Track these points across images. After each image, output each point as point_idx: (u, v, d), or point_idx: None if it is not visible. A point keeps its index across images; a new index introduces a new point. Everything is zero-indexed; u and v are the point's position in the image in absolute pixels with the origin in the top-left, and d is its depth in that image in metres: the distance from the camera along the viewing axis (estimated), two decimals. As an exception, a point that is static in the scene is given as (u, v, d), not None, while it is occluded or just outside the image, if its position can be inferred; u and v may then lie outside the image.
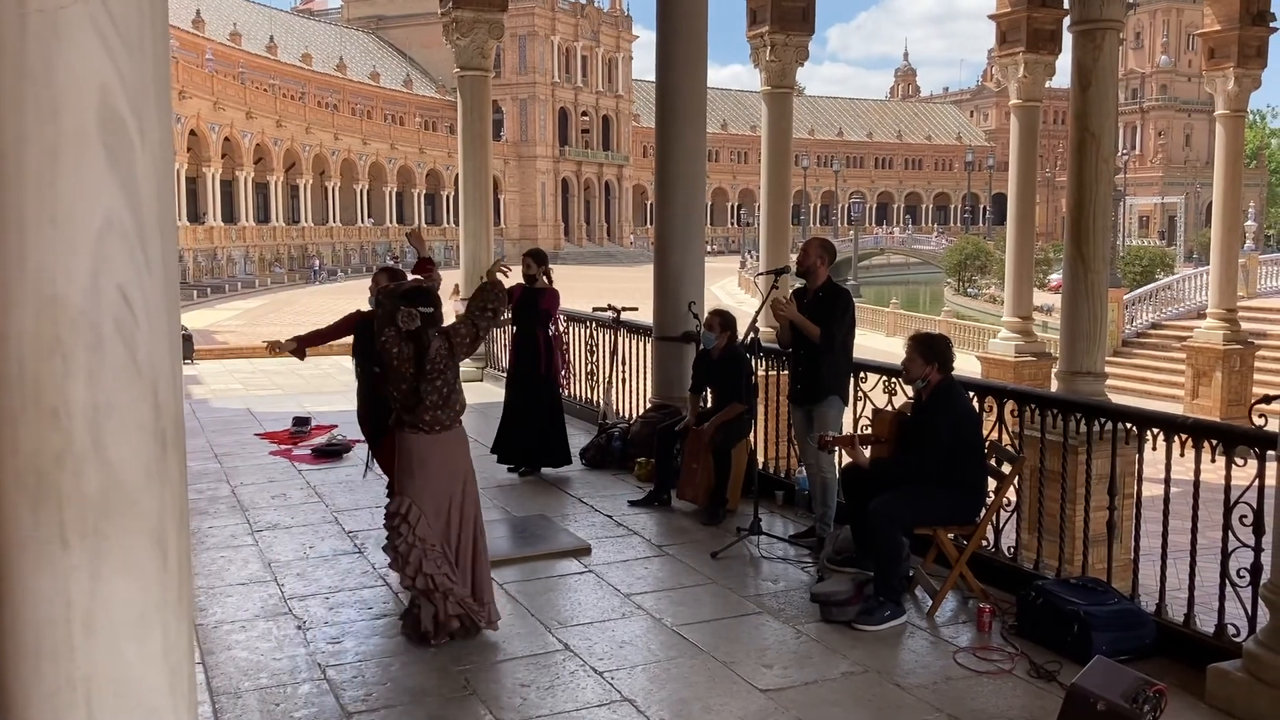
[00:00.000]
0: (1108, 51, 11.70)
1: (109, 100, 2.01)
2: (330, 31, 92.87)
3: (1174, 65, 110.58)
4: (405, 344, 5.25)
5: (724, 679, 4.97)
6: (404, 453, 5.38)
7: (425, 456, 5.31)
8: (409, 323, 5.22)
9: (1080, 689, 4.18)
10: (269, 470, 9.21)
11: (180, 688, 2.20)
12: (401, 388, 5.30)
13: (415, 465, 5.32)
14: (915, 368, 5.88)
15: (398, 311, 5.25)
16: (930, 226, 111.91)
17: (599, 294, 13.27)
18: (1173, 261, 51.97)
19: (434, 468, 5.31)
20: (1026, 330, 19.58)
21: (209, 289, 51.13)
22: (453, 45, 14.58)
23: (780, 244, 15.66)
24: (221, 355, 22.35)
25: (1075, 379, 11.66)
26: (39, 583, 2.05)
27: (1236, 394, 21.61)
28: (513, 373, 9.06)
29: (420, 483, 5.30)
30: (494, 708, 4.65)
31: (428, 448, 5.31)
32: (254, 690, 4.82)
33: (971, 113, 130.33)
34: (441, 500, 5.33)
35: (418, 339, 5.24)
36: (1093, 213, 11.60)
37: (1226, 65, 20.30)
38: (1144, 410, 6.07)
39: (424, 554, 5.25)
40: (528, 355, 8.86)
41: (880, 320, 39.07)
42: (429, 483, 5.30)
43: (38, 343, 2.01)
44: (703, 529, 7.38)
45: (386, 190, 78.60)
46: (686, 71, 9.51)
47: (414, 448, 5.32)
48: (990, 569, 6.17)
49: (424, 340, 5.24)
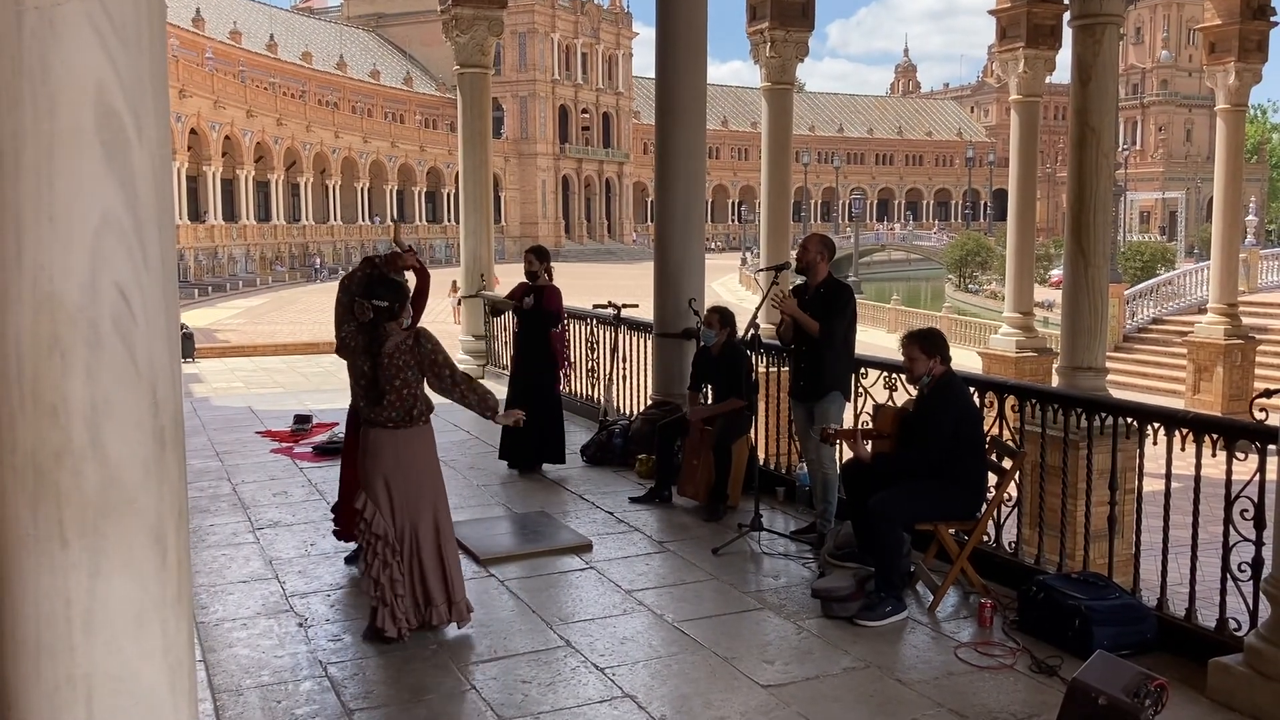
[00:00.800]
0: (1108, 46, 11.70)
1: (106, 97, 2.01)
2: (330, 29, 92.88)
3: (1174, 60, 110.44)
4: (361, 336, 5.26)
5: (725, 674, 4.97)
6: (365, 448, 5.38)
7: (382, 452, 5.29)
8: (362, 315, 5.23)
9: (1081, 683, 4.18)
10: (270, 468, 9.22)
11: (180, 685, 2.20)
12: (361, 382, 5.31)
13: (371, 461, 5.31)
14: (919, 364, 5.86)
15: (354, 303, 5.26)
16: (931, 222, 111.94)
17: (599, 291, 13.27)
18: (1174, 257, 51.93)
19: (392, 464, 5.28)
20: (1027, 326, 19.58)
21: (210, 288, 51.20)
22: (453, 43, 14.58)
23: (781, 240, 15.67)
24: (223, 354, 22.33)
25: (1076, 374, 11.66)
26: (38, 581, 2.05)
27: (1238, 389, 21.62)
28: (515, 370, 9.07)
29: (378, 480, 5.28)
30: (495, 705, 4.65)
31: (388, 444, 5.29)
32: (255, 688, 4.83)
33: (972, 108, 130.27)
34: (401, 498, 5.30)
35: (371, 331, 5.23)
36: (1093, 208, 11.59)
37: (1227, 60, 20.30)
38: (1145, 405, 6.06)
39: (376, 554, 5.25)
40: (531, 354, 8.88)
41: (881, 317, 39.07)
42: (390, 479, 5.28)
43: (36, 340, 2.01)
44: (704, 525, 7.38)
45: (387, 188, 78.66)
46: (686, 68, 9.50)
47: (374, 444, 5.32)
48: (991, 564, 6.17)
49: (378, 333, 5.23)
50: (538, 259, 8.92)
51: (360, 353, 5.27)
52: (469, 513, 7.53)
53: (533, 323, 8.85)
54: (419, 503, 5.35)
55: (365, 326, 5.25)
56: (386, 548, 5.26)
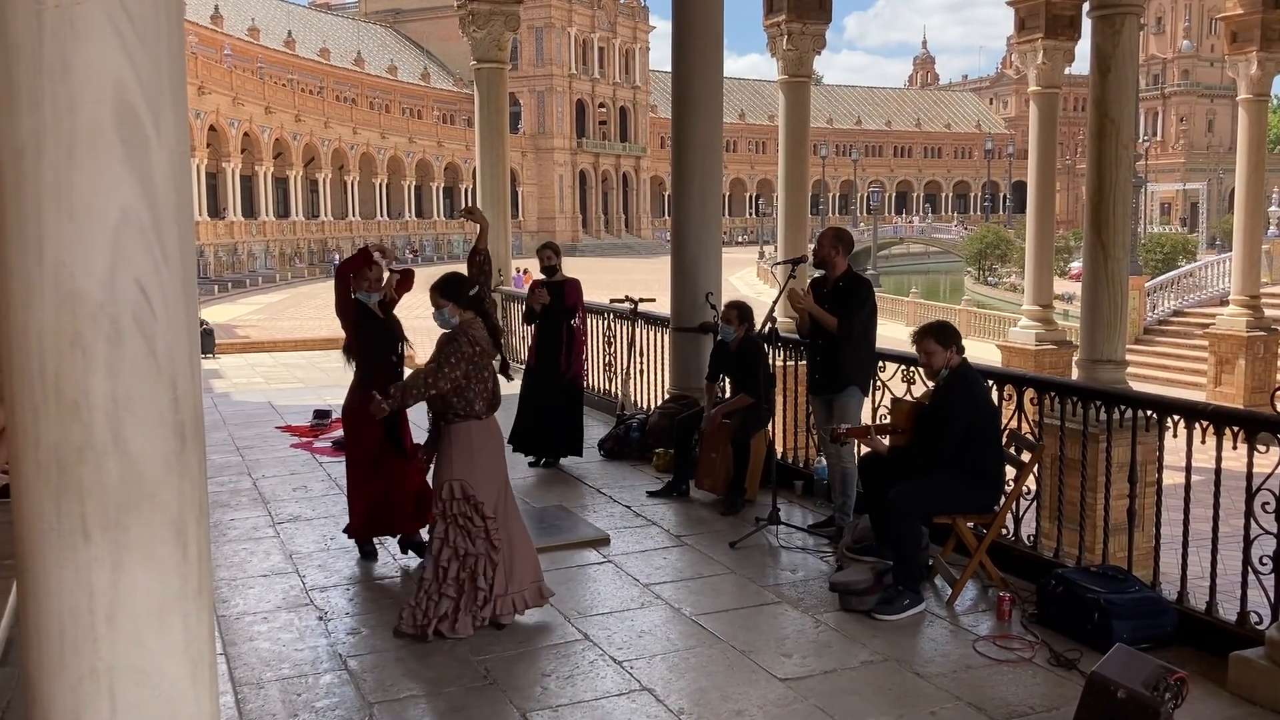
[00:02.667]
0: (1127, 36, 11.61)
1: (124, 95, 2.02)
2: (348, 26, 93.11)
3: (1196, 50, 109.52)
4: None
5: (743, 668, 4.98)
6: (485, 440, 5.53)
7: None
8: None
9: (1101, 677, 4.16)
10: (290, 463, 9.27)
11: (201, 678, 2.22)
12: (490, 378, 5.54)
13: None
14: (937, 357, 5.83)
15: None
16: (950, 215, 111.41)
17: (617, 286, 13.29)
18: (1195, 248, 51.46)
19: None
20: (1047, 318, 19.50)
21: (230, 283, 51.43)
22: (469, 38, 14.60)
23: (798, 234, 15.62)
24: (243, 349, 22.48)
25: (1096, 367, 11.60)
26: (62, 574, 2.07)
27: (1260, 381, 21.45)
28: (533, 364, 9.00)
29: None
30: (514, 697, 4.67)
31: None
32: (276, 681, 4.86)
33: (991, 100, 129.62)
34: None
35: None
36: (1113, 200, 11.51)
37: (1249, 49, 20.09)
38: (1164, 397, 6.03)
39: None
40: (551, 348, 8.83)
41: (900, 310, 38.94)
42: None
43: (58, 337, 2.03)
44: (721, 519, 7.38)
45: (405, 184, 78.83)
46: (703, 62, 9.48)
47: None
48: (1010, 557, 6.15)
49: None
50: (555, 253, 8.93)
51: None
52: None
53: (551, 315, 8.82)
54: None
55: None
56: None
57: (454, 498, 5.27)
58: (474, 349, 5.25)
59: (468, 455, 5.29)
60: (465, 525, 5.28)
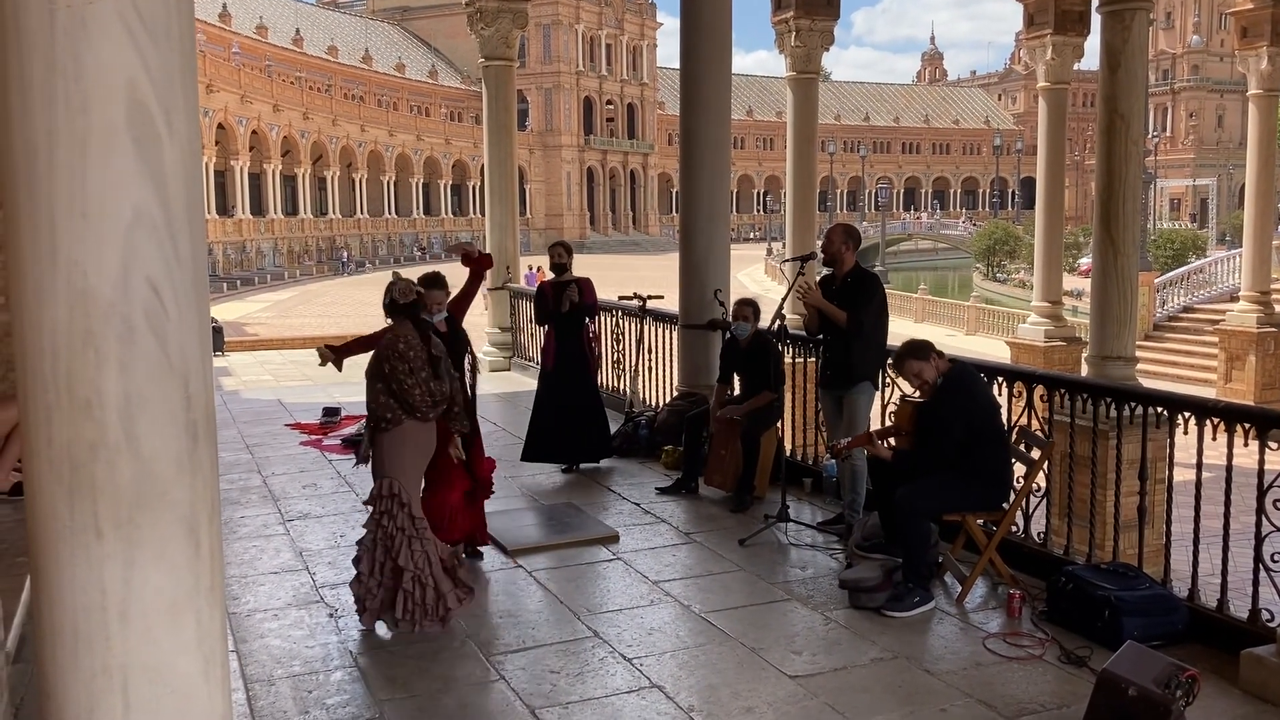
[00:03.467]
0: (1137, 32, 11.57)
1: (137, 94, 2.03)
2: (356, 23, 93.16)
3: (1205, 45, 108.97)
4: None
5: (753, 665, 4.98)
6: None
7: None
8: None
9: (1111, 674, 4.15)
10: (300, 460, 9.29)
11: (214, 674, 2.23)
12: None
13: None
14: (927, 371, 5.78)
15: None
16: (958, 211, 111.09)
17: (625, 283, 13.26)
18: (1205, 244, 51.20)
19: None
20: (1056, 315, 19.43)
21: (239, 281, 51.50)
22: (477, 35, 14.61)
23: (807, 230, 15.62)
24: (252, 347, 22.50)
25: (1105, 363, 11.57)
26: (75, 572, 2.08)
27: (1270, 377, 21.37)
28: (553, 368, 8.65)
29: None
30: (524, 694, 4.68)
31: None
32: (287, 678, 4.88)
33: (999, 96, 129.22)
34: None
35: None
36: (1122, 196, 11.48)
37: (1260, 44, 20.00)
38: (1174, 394, 6.02)
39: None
40: (570, 350, 8.60)
41: (908, 306, 38.88)
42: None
43: (70, 335, 2.04)
44: (730, 516, 7.38)
45: (413, 181, 78.88)
46: (710, 59, 9.47)
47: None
48: (1020, 555, 6.14)
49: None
50: (566, 251, 8.83)
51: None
52: (497, 504, 7.54)
53: (570, 317, 8.58)
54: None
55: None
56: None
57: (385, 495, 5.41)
58: (409, 353, 5.41)
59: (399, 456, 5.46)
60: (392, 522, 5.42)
